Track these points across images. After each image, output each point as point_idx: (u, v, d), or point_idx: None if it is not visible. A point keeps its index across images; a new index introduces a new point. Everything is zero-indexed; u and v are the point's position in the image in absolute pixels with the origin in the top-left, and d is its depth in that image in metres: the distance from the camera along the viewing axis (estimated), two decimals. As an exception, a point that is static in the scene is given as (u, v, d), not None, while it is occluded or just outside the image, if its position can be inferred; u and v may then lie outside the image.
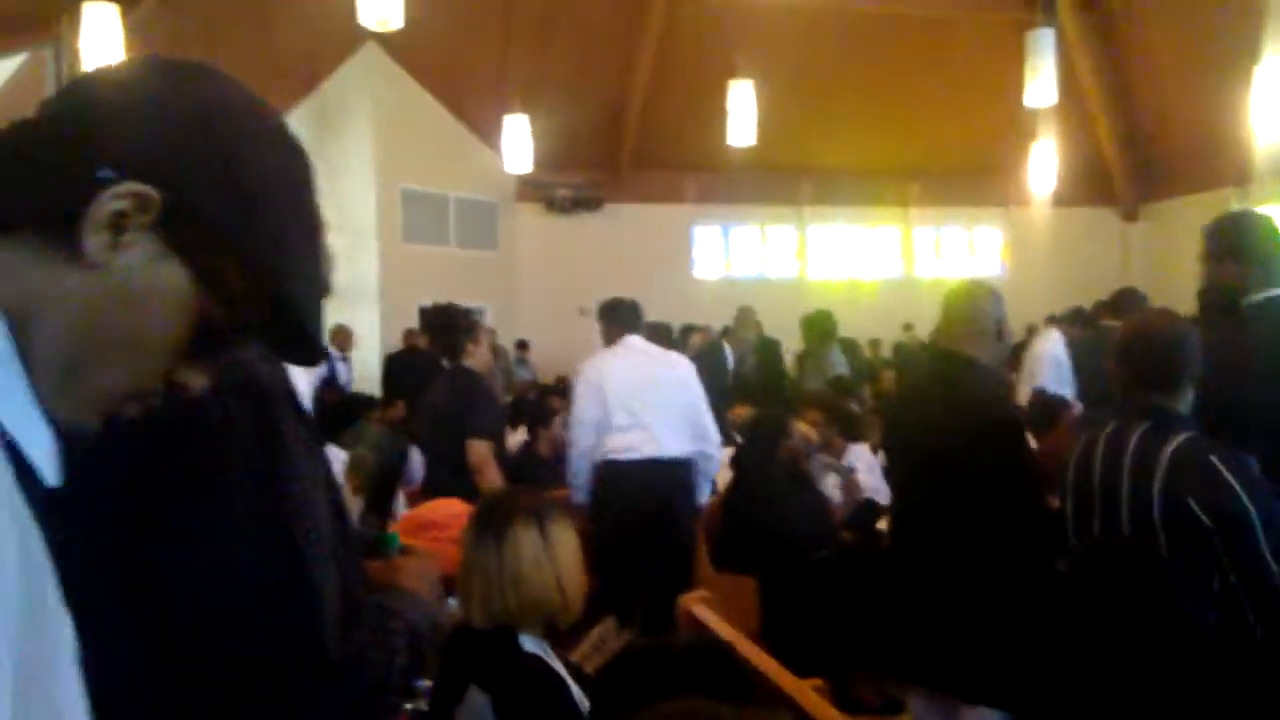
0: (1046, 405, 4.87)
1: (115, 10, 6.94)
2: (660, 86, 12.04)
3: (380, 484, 3.89)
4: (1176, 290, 7.78)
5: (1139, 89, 12.93)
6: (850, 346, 9.38)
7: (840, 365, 7.33)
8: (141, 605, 0.99)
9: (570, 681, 1.91)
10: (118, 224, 0.74)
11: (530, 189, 12.39)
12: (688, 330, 10.06)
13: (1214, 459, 2.17)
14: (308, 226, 0.86)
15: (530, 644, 1.90)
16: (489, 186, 11.92)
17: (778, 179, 13.30)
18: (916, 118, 12.56)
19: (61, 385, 0.75)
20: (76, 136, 0.76)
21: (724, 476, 4.96)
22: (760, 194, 13.62)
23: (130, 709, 0.90)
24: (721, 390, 7.03)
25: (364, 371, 9.78)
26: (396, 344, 9.43)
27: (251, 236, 0.80)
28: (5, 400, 0.71)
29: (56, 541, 0.73)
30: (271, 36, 9.63)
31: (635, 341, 4.61)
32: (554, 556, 1.93)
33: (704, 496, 4.66)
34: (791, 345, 8.74)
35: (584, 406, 4.45)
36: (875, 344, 12.40)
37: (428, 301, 9.58)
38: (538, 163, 10.76)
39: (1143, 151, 13.79)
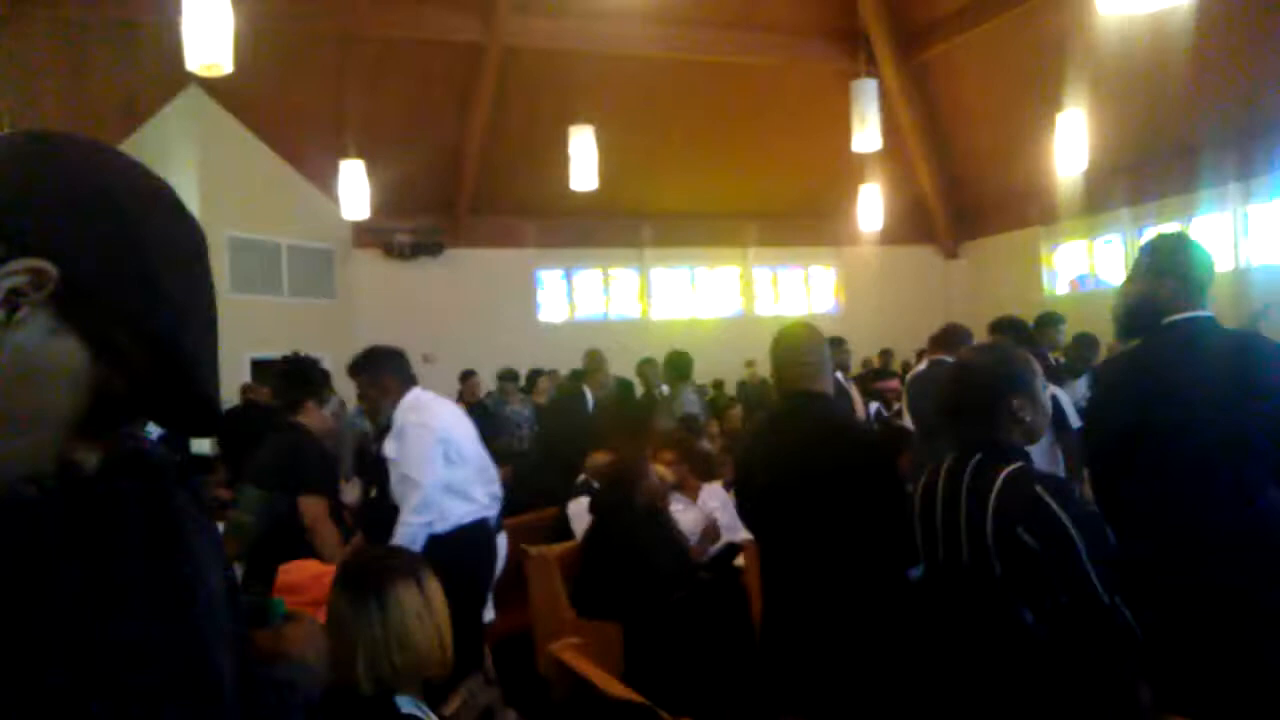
0: (890, 434, 5.08)
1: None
2: (499, 131, 12.03)
3: (260, 549, 3.67)
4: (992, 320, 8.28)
5: (955, 135, 13.82)
6: (696, 388, 9.57)
7: (693, 405, 7.42)
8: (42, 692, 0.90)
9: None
10: (12, 301, 0.72)
11: (368, 235, 12.11)
12: (535, 374, 10.03)
13: (1038, 488, 2.29)
14: (202, 296, 0.83)
15: (408, 705, 1.82)
16: (324, 233, 11.57)
17: (618, 223, 13.49)
18: (752, 162, 13.01)
19: None
20: None
21: (583, 523, 4.93)
22: (602, 237, 13.78)
23: None
24: (584, 434, 6.96)
25: (192, 429, 9.27)
26: (228, 399, 9.00)
27: (149, 308, 0.77)
28: None
29: None
30: (87, 80, 9.15)
31: (428, 392, 4.19)
32: (434, 612, 1.87)
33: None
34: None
35: (436, 464, 3.88)
36: (719, 384, 12.66)
37: (260, 354, 9.19)
38: (375, 208, 10.53)
39: (960, 194, 14.71)
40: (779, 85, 12.55)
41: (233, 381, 9.10)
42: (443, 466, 3.88)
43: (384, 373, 4.12)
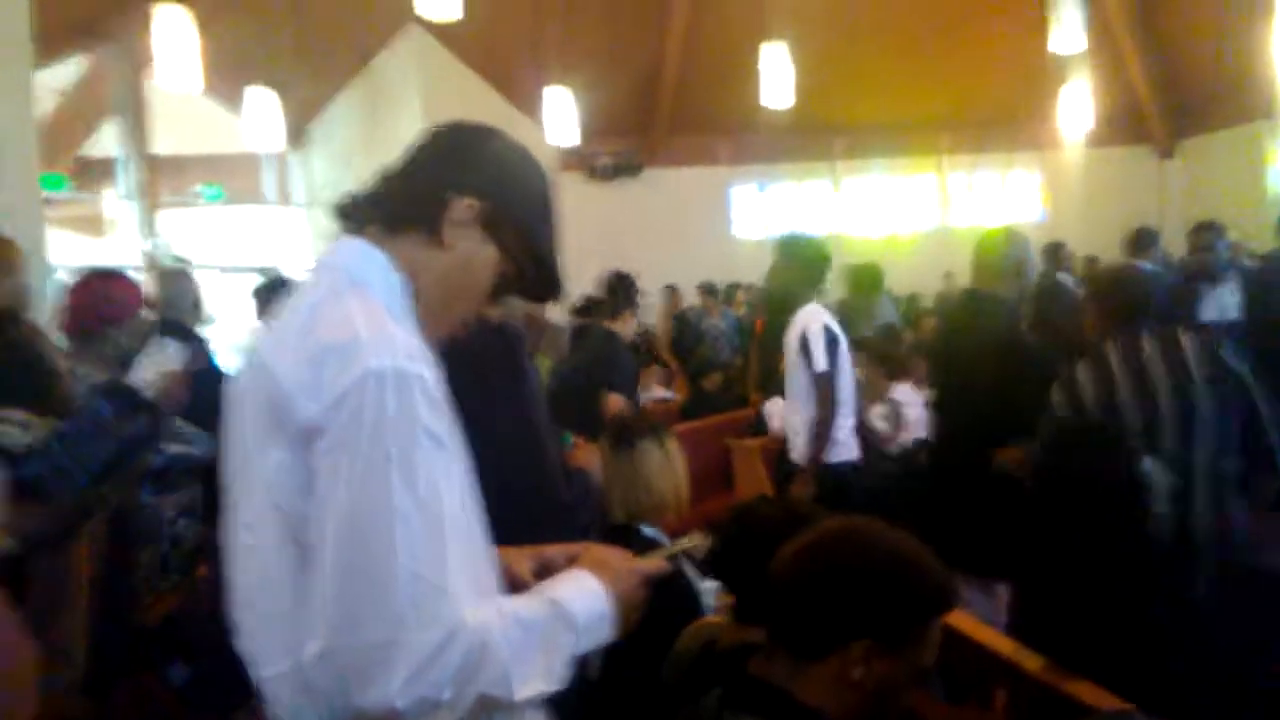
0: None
1: (185, 11, 7.35)
2: (694, 52, 12.34)
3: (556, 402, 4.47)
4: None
5: (1168, 26, 13.00)
6: (892, 300, 9.77)
7: (889, 314, 7.75)
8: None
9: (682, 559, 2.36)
10: (460, 221, 1.29)
11: (573, 159, 12.73)
12: (733, 288, 10.48)
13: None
14: (554, 218, 1.41)
15: (650, 532, 2.36)
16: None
17: (811, 137, 13.56)
18: (947, 69, 12.72)
19: (431, 317, 1.29)
20: (436, 171, 1.32)
21: (777, 420, 5.40)
22: (795, 152, 13.91)
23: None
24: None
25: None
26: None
27: (530, 225, 1.35)
28: (408, 325, 1.23)
29: None
30: (319, 25, 10.05)
31: None
32: (673, 468, 2.42)
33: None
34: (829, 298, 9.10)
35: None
36: (914, 297, 12.67)
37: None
38: (579, 133, 11.13)
39: (1176, 88, 13.86)
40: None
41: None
42: None
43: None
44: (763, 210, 14.55)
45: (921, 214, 14.79)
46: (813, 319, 4.49)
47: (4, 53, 7.59)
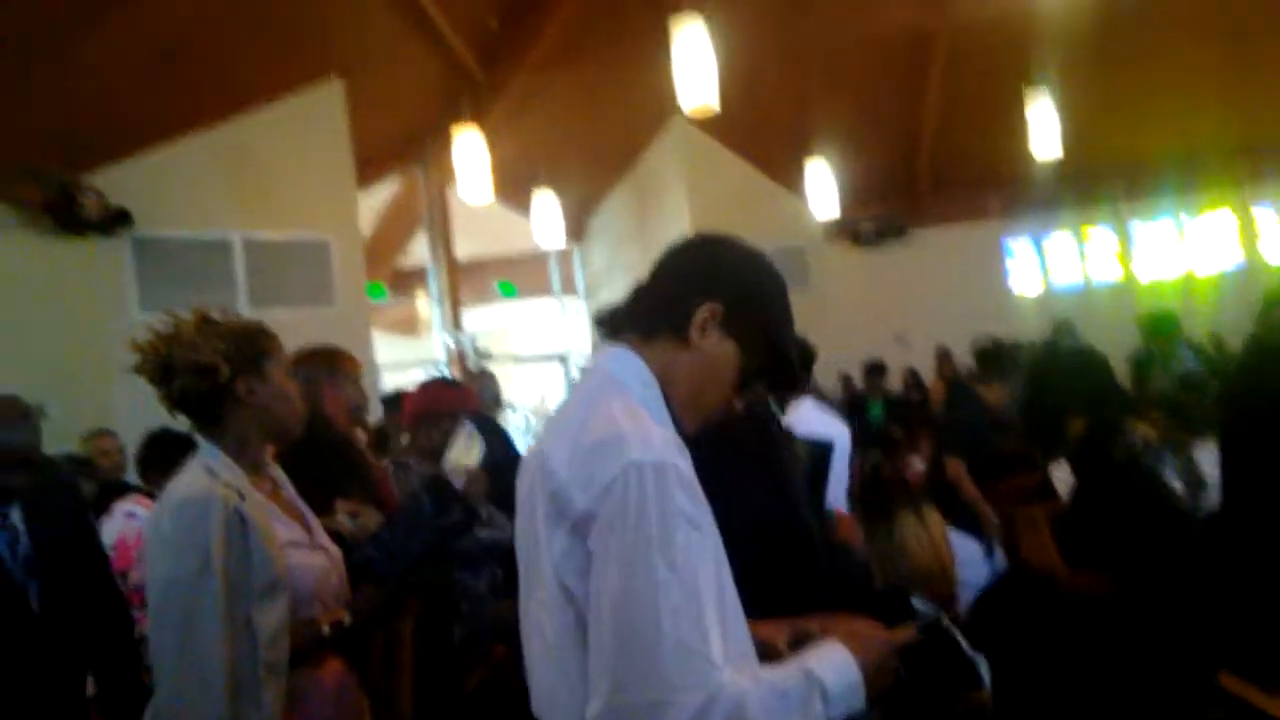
0: None
1: (478, 132, 8.24)
2: (953, 107, 12.11)
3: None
4: None
5: None
6: (1195, 348, 9.11)
7: (1189, 362, 7.27)
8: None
9: (957, 634, 2.41)
10: (704, 324, 1.47)
11: (836, 227, 12.79)
12: (1013, 347, 10.09)
13: None
14: (790, 317, 1.56)
15: (919, 604, 2.42)
16: (797, 231, 12.32)
17: (1089, 180, 12.84)
18: (1238, 88, 11.61)
19: (684, 411, 1.48)
20: (680, 281, 1.52)
21: (1065, 484, 5.21)
22: (1072, 199, 13.22)
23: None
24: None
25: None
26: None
27: (766, 322, 1.51)
28: (664, 420, 1.43)
29: None
30: (596, 126, 10.86)
31: None
32: (932, 536, 2.46)
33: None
34: (1119, 351, 8.61)
35: None
36: (1217, 339, 11.62)
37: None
38: (841, 201, 11.24)
39: None
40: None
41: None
42: None
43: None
44: (1041, 263, 13.89)
45: (1222, 251, 13.56)
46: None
47: (334, 183, 8.83)
